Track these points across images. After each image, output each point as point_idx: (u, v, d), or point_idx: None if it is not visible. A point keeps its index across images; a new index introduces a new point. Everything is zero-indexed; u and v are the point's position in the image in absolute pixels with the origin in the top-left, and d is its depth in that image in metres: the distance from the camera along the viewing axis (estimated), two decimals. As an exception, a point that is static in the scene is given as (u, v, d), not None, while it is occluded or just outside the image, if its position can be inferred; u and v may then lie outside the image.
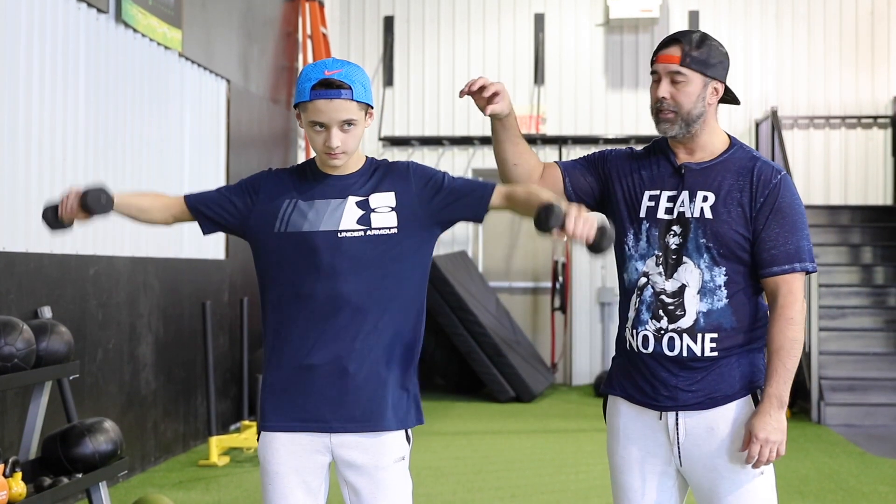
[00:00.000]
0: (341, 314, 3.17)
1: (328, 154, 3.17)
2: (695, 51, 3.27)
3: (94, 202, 3.20)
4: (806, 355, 10.56)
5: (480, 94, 3.35)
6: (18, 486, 4.94)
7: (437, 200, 3.26)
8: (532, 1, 13.35)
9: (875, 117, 13.01)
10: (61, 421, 6.13)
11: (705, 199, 3.28)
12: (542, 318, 13.33)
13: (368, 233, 3.19)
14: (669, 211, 3.32)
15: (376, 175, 3.27)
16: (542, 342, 13.25)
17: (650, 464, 3.35)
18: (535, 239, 13.38)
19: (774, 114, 12.33)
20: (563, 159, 3.63)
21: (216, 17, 9.30)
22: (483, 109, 3.38)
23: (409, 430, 3.27)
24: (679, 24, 13.12)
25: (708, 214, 3.26)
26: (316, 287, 3.18)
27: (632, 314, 3.35)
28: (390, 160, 3.34)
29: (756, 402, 3.29)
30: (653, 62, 3.35)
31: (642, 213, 3.35)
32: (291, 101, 11.47)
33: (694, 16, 13.11)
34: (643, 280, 3.33)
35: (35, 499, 5.09)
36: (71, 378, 6.05)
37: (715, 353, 3.26)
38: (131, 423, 7.55)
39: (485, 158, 13.32)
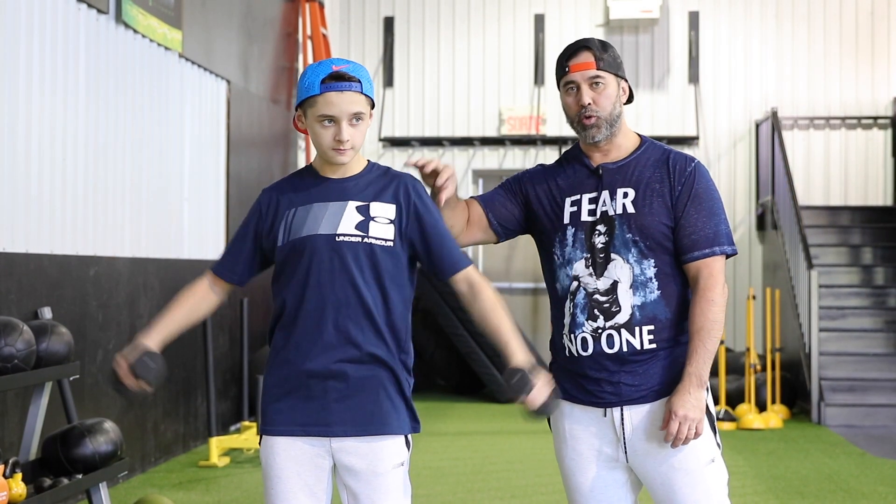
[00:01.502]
0: (339, 319, 3.17)
1: (336, 150, 3.16)
2: (604, 54, 3.36)
3: (144, 372, 3.18)
4: (806, 356, 10.56)
5: (430, 175, 3.40)
6: (18, 486, 4.94)
7: (416, 233, 3.24)
8: (532, 1, 13.35)
9: (875, 118, 13.01)
10: (61, 422, 6.13)
11: (625, 195, 3.34)
12: (543, 318, 13.33)
13: (365, 240, 3.17)
14: (592, 212, 3.36)
15: (379, 182, 3.25)
16: (543, 342, 13.22)
17: (599, 462, 3.38)
18: (536, 239, 13.38)
19: (774, 114, 12.33)
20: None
21: (216, 17, 9.30)
22: (433, 189, 3.40)
23: (409, 436, 3.26)
24: (679, 24, 13.12)
25: (630, 209, 3.32)
26: (315, 291, 3.18)
27: (567, 320, 3.37)
28: (391, 167, 3.32)
29: None
30: (564, 73, 3.40)
31: (566, 220, 3.39)
32: (292, 101, 11.47)
33: (694, 16, 13.11)
34: (574, 284, 3.35)
35: (35, 499, 5.08)
36: (71, 379, 6.05)
37: (654, 346, 3.30)
38: (131, 423, 7.55)
39: (485, 159, 13.32)
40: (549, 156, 13.16)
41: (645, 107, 12.89)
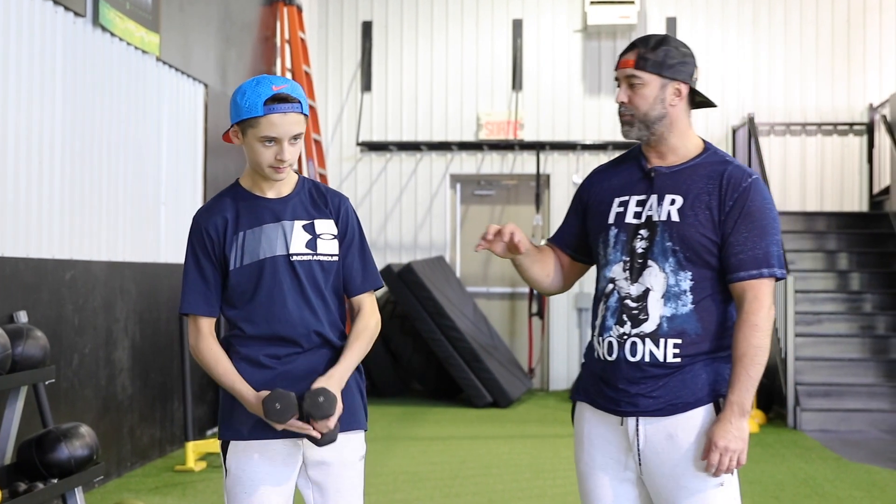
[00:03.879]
0: (302, 328, 3.31)
1: (276, 168, 3.25)
2: (650, 53, 3.27)
3: (277, 413, 3.19)
4: (782, 361, 10.61)
5: (498, 240, 3.41)
6: (-7, 491, 4.92)
7: (346, 247, 3.42)
8: (510, 7, 13.38)
9: (851, 124, 13.08)
10: (37, 426, 6.10)
11: (673, 202, 3.25)
12: (520, 323, 13.35)
13: (315, 257, 3.34)
14: (638, 215, 3.30)
15: (314, 198, 3.39)
16: (520, 347, 13.26)
17: (613, 470, 3.31)
18: (513, 244, 13.38)
19: (751, 120, 12.39)
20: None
21: (194, 21, 9.28)
22: (506, 253, 3.45)
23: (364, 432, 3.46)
24: (656, 30, 13.16)
25: (675, 217, 3.23)
26: (278, 307, 3.30)
27: (598, 322, 3.34)
28: (317, 181, 3.46)
29: (718, 410, 3.22)
30: (615, 69, 3.38)
31: (611, 219, 3.34)
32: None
33: (671, 22, 13.16)
34: (610, 286, 3.31)
35: (10, 504, 5.06)
36: (47, 383, 6.03)
37: (678, 360, 3.21)
38: (107, 428, 7.52)
39: (462, 164, 13.33)
40: (527, 160, 13.18)
41: (622, 112, 12.91)
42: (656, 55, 3.27)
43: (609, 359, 3.27)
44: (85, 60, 7.32)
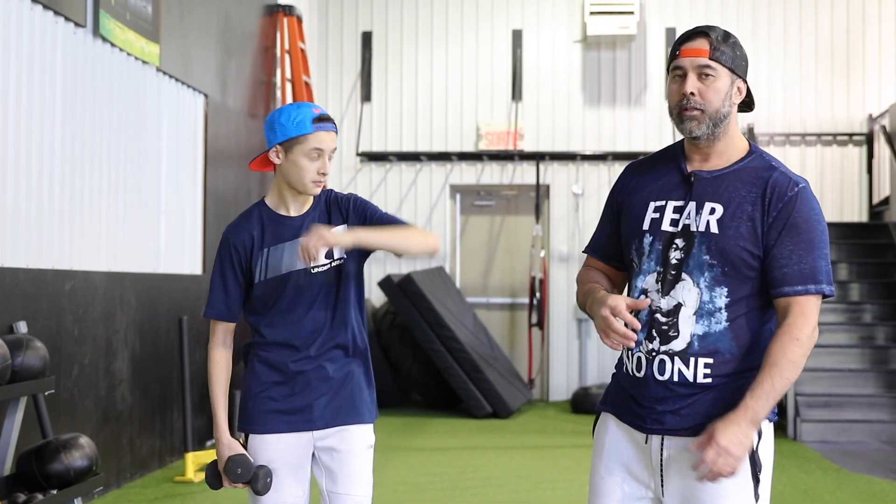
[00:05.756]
0: (319, 333, 3.70)
1: (316, 182, 3.66)
2: (723, 45, 3.04)
3: (236, 478, 3.66)
4: (782, 371, 10.59)
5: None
6: (-7, 502, 4.91)
7: (367, 220, 3.77)
8: (510, 17, 13.39)
9: (850, 135, 13.10)
10: (36, 437, 6.09)
11: (713, 211, 3.03)
12: (520, 333, 13.34)
13: (333, 264, 3.71)
14: (675, 223, 3.07)
15: (328, 208, 3.77)
16: (520, 358, 13.25)
17: (630, 488, 3.12)
18: (513, 255, 13.40)
19: (751, 130, 12.41)
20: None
21: (194, 31, 9.29)
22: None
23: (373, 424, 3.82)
24: (656, 41, 13.18)
25: (714, 228, 3.00)
26: (297, 314, 3.69)
27: None
28: (331, 189, 3.82)
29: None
30: (674, 57, 3.09)
31: (645, 226, 3.11)
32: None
33: (671, 33, 13.17)
34: (641, 298, 3.09)
35: (9, 515, 5.06)
36: (46, 393, 6.02)
37: (709, 380, 3.00)
38: (107, 438, 7.51)
39: (462, 174, 13.33)
40: (527, 171, 13.19)
41: (622, 123, 12.93)
42: (728, 48, 3.05)
43: (638, 375, 3.09)
44: (85, 71, 7.33)
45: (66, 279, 6.96)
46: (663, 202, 3.10)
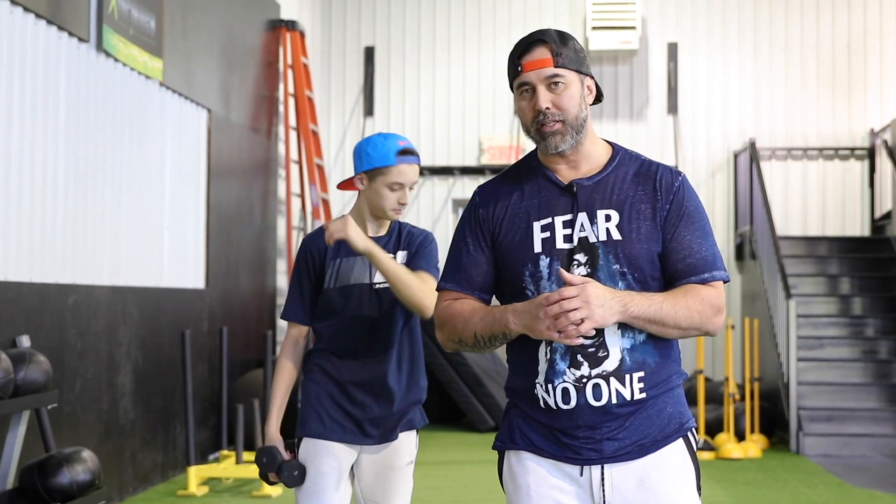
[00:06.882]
0: (376, 345, 3.89)
1: (396, 210, 3.89)
2: (563, 48, 2.82)
3: (290, 480, 3.89)
4: (784, 385, 10.60)
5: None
6: (-5, 516, 4.92)
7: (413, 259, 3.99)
8: (512, 31, 13.42)
9: (852, 149, 13.11)
10: (39, 451, 6.10)
11: (608, 218, 2.81)
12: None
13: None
14: (568, 238, 2.81)
15: (399, 237, 3.97)
16: (522, 372, 13.23)
17: None
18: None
19: (753, 145, 12.42)
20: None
21: (197, 46, 9.32)
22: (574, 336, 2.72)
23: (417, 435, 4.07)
24: (658, 55, 13.21)
25: (616, 235, 2.80)
26: (357, 326, 3.89)
27: (543, 367, 2.82)
28: (409, 224, 4.04)
29: (688, 445, 2.87)
30: (517, 72, 2.86)
31: (537, 248, 2.83)
32: (273, 130, 11.50)
33: (673, 47, 13.20)
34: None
35: (12, 529, 5.06)
36: (49, 407, 6.03)
37: (643, 395, 2.79)
38: (109, 452, 7.51)
39: (465, 188, 13.35)
40: (529, 185, 13.20)
41: (624, 137, 12.94)
42: (569, 49, 2.83)
43: (564, 407, 2.79)
44: (88, 85, 7.35)
45: (69, 293, 6.98)
46: (549, 219, 2.84)
